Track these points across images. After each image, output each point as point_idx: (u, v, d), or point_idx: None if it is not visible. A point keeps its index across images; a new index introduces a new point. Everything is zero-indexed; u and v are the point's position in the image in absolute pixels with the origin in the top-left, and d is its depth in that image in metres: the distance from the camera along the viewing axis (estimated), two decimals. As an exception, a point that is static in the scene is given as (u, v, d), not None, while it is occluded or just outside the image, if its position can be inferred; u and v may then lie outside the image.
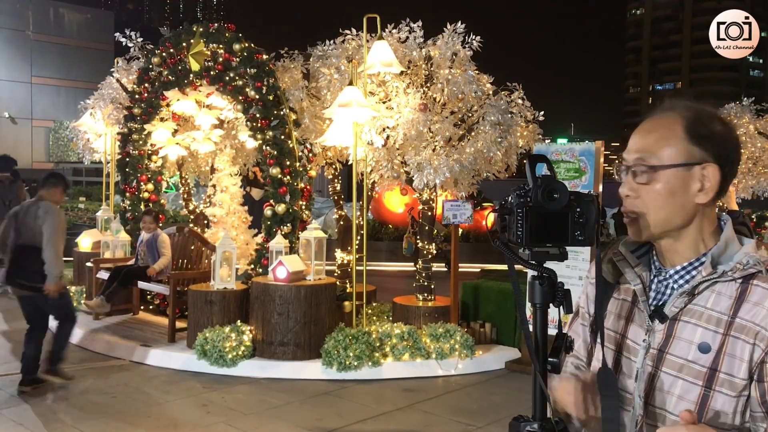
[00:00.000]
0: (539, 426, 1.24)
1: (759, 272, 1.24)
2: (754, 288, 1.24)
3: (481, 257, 11.72)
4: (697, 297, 1.28)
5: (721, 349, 1.23)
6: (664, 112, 1.33)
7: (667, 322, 1.31)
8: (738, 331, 1.22)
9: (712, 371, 1.23)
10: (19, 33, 30.52)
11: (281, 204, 6.62)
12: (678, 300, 1.30)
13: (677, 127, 1.29)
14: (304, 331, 6.08)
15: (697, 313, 1.27)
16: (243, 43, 6.86)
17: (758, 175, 9.37)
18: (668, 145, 1.28)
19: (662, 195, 1.28)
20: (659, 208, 1.29)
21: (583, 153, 5.88)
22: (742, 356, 1.21)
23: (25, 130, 30.29)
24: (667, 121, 1.31)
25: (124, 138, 8.16)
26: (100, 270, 7.70)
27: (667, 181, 1.28)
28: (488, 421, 4.98)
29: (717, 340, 1.24)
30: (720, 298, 1.26)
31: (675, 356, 1.28)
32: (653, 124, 1.33)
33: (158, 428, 4.75)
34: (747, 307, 1.23)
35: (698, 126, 1.28)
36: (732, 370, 1.22)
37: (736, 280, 1.26)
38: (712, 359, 1.23)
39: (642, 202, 1.30)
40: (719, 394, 1.23)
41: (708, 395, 1.23)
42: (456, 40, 6.21)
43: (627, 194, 1.32)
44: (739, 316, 1.23)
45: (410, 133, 6.05)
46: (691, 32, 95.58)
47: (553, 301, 1.28)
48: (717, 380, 1.23)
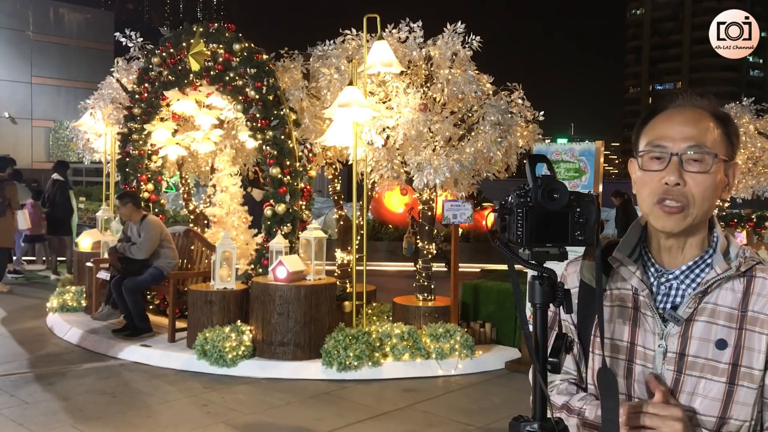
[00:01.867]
0: (539, 426, 1.24)
1: (759, 263, 1.28)
2: (757, 280, 1.27)
3: (481, 257, 11.72)
4: (707, 296, 1.29)
5: (738, 344, 1.25)
6: (694, 107, 1.32)
7: (683, 324, 1.30)
8: (751, 323, 1.25)
9: (733, 366, 1.25)
10: (19, 33, 30.52)
11: (281, 204, 6.62)
12: (692, 301, 1.30)
13: (713, 123, 1.30)
14: (304, 331, 6.08)
15: (708, 310, 1.28)
16: (243, 43, 6.86)
17: (758, 175, 9.39)
18: (714, 139, 1.29)
19: (712, 185, 1.28)
20: (707, 199, 1.29)
21: (583, 153, 5.88)
22: (760, 348, 1.24)
23: (25, 130, 30.30)
24: (701, 115, 1.31)
25: (124, 138, 8.16)
26: (100, 270, 7.71)
27: (717, 173, 1.29)
28: (488, 421, 4.98)
29: (732, 335, 1.26)
30: (728, 293, 1.28)
31: (695, 357, 1.28)
32: (693, 116, 1.31)
33: (158, 428, 4.74)
34: (755, 299, 1.26)
35: (730, 125, 1.32)
36: (751, 363, 1.24)
37: (739, 275, 1.28)
38: (731, 354, 1.25)
39: (691, 191, 1.28)
40: (742, 388, 1.25)
41: (732, 390, 1.25)
42: (456, 40, 6.21)
43: (677, 182, 1.28)
44: (750, 309, 1.26)
45: (410, 133, 6.05)
46: (691, 32, 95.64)
47: (553, 301, 1.28)
48: (739, 375, 1.25)
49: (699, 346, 1.28)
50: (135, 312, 6.83)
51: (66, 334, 7.16)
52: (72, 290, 8.15)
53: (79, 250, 8.76)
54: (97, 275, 7.70)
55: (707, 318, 1.28)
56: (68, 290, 8.17)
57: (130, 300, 6.81)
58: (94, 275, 7.73)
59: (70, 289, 8.18)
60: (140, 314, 6.87)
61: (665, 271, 1.35)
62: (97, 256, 8.05)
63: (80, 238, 8.93)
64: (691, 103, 1.33)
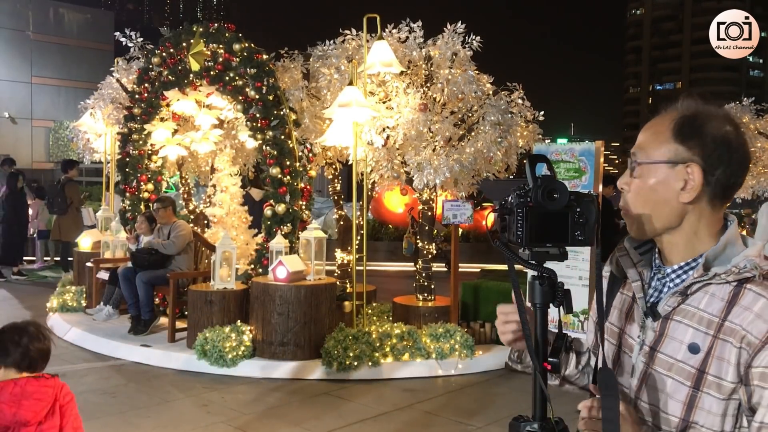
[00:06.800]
0: (539, 426, 1.25)
1: (753, 277, 1.23)
2: (747, 292, 1.23)
3: (481, 257, 11.72)
4: (691, 297, 1.29)
5: (710, 352, 1.23)
6: (667, 110, 1.35)
7: (660, 320, 1.31)
8: (726, 334, 1.22)
9: (700, 372, 1.24)
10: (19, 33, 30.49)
11: (281, 204, 6.62)
12: (671, 299, 1.30)
13: (668, 125, 1.31)
14: (304, 331, 6.08)
15: (690, 313, 1.28)
16: (243, 43, 6.86)
17: (758, 175, 9.39)
18: (657, 142, 1.32)
19: (644, 190, 1.32)
20: (643, 204, 1.32)
21: (583, 153, 5.88)
22: (729, 359, 1.21)
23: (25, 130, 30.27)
24: (663, 119, 1.34)
25: (124, 138, 8.16)
26: (100, 270, 7.71)
27: (651, 177, 1.31)
28: (488, 421, 4.98)
29: (707, 341, 1.24)
30: (713, 300, 1.26)
31: (666, 355, 1.29)
32: (653, 122, 1.36)
33: (158, 428, 4.75)
34: (737, 311, 1.22)
35: (687, 125, 1.30)
36: (720, 373, 1.22)
37: (730, 283, 1.25)
38: (701, 360, 1.24)
39: (631, 196, 1.34)
40: (707, 396, 1.23)
41: (696, 396, 1.24)
42: (456, 40, 6.21)
43: (622, 187, 1.36)
44: (729, 319, 1.23)
45: (410, 133, 6.05)
46: (691, 32, 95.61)
47: (553, 301, 1.28)
48: (705, 382, 1.23)
49: (672, 345, 1.28)
50: (145, 302, 6.97)
51: (66, 334, 7.15)
52: (72, 290, 8.15)
53: (79, 250, 8.77)
54: (97, 275, 7.70)
55: (685, 320, 1.28)
56: (68, 290, 8.17)
57: (142, 290, 6.95)
58: (94, 275, 7.74)
59: (70, 289, 8.18)
60: (149, 305, 7.02)
61: (663, 268, 1.37)
62: (97, 256, 8.05)
63: (80, 238, 8.93)
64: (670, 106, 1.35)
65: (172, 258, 7.21)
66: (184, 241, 7.27)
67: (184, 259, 7.31)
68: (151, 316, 7.04)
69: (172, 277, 6.85)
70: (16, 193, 11.28)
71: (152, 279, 7.02)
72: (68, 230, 11.04)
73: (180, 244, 7.21)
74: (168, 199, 7.61)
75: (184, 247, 7.29)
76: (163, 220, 7.39)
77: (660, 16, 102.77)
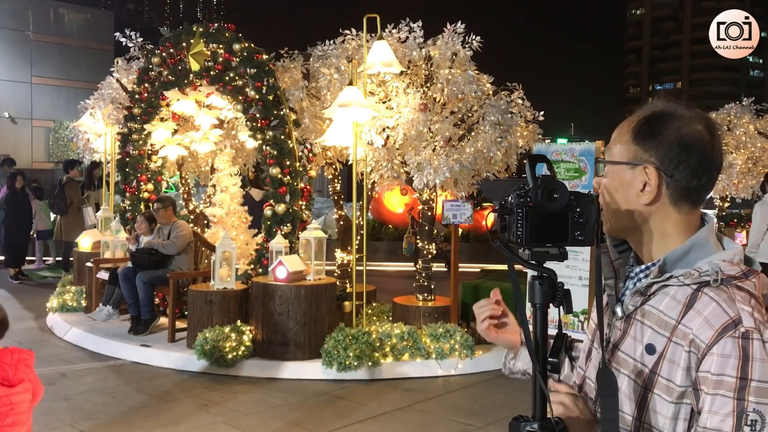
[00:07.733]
0: (539, 426, 1.24)
1: (713, 281, 1.22)
2: (702, 296, 1.22)
3: (481, 257, 11.72)
4: (652, 298, 1.28)
5: (662, 353, 1.23)
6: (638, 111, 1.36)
7: (623, 319, 1.32)
8: (679, 337, 1.22)
9: (652, 374, 1.24)
10: (19, 33, 30.48)
11: (281, 204, 6.63)
12: (633, 298, 1.31)
13: (630, 128, 1.33)
14: (304, 331, 6.08)
15: (649, 314, 1.28)
16: (243, 43, 6.86)
17: (758, 175, 9.37)
18: (620, 143, 1.34)
19: (607, 190, 1.35)
20: (609, 203, 1.35)
21: (583, 153, 5.88)
22: (679, 362, 1.21)
23: (25, 130, 30.26)
24: (631, 120, 1.35)
25: (124, 138, 8.16)
26: (100, 270, 7.71)
27: (612, 178, 1.34)
28: (488, 421, 4.99)
29: (662, 343, 1.24)
30: (672, 302, 1.25)
31: (624, 353, 1.30)
32: (623, 122, 1.37)
33: (158, 428, 4.75)
34: (691, 315, 1.22)
35: (644, 127, 1.31)
36: (670, 375, 1.22)
37: (689, 286, 1.24)
38: (654, 362, 1.24)
39: (600, 195, 1.37)
40: (657, 397, 1.23)
41: (647, 396, 1.24)
42: (456, 40, 6.21)
43: (594, 186, 1.40)
44: (683, 322, 1.22)
45: (410, 133, 6.05)
46: (691, 32, 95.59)
47: (553, 301, 1.28)
48: (656, 383, 1.23)
49: (630, 344, 1.29)
50: (145, 302, 6.98)
51: (66, 334, 7.16)
52: (72, 290, 8.15)
53: (79, 250, 8.77)
54: (97, 275, 7.70)
55: (645, 320, 1.28)
56: (68, 290, 8.17)
57: (142, 290, 6.98)
58: (94, 275, 7.74)
59: (70, 289, 8.18)
60: (149, 305, 7.04)
61: (633, 267, 1.38)
62: (97, 256, 8.05)
63: (80, 238, 8.93)
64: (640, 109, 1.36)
65: (172, 258, 7.21)
66: (184, 241, 7.28)
67: (184, 259, 7.31)
68: (151, 316, 7.06)
69: (172, 277, 6.85)
70: (17, 194, 11.28)
71: (152, 279, 7.03)
72: (69, 230, 11.09)
73: (180, 244, 7.22)
74: (168, 199, 7.63)
75: (184, 247, 7.30)
76: (163, 220, 7.40)
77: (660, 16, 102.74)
